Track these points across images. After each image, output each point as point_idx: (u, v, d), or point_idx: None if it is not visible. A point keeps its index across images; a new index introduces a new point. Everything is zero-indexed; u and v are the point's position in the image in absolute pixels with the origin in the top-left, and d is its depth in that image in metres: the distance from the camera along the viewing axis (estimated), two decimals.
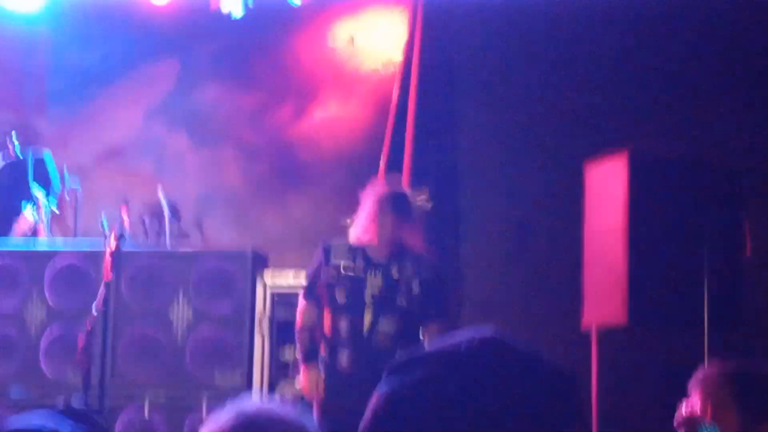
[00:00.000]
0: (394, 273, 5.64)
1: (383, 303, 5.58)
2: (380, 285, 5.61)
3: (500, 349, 1.42)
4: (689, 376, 5.84)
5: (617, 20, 7.08)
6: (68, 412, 3.03)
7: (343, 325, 5.59)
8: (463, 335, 1.46)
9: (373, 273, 5.65)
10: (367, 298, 5.59)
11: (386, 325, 5.55)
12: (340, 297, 5.62)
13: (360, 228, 5.73)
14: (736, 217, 6.00)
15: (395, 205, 5.71)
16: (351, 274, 5.65)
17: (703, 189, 5.99)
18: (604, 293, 6.00)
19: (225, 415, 1.96)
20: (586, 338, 6.01)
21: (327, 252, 5.76)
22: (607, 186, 6.07)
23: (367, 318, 5.57)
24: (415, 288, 5.62)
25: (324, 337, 5.66)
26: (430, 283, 5.65)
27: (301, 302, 5.76)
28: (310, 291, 5.78)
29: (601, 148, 6.19)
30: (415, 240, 5.76)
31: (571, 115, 7.07)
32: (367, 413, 1.43)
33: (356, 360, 5.55)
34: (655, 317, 5.90)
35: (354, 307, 5.60)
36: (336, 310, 5.62)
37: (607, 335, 5.96)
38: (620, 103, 7.04)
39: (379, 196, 5.76)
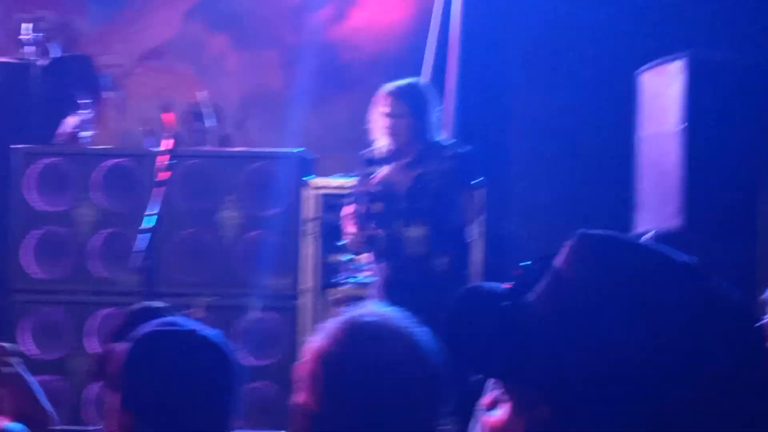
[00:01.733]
0: (418, 173, 5.56)
1: (409, 208, 5.53)
2: (406, 188, 5.56)
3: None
4: (741, 285, 5.85)
5: None
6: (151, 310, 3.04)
7: (380, 235, 5.58)
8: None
9: (402, 177, 5.58)
10: (398, 204, 5.56)
11: (416, 231, 5.51)
12: (377, 207, 5.60)
13: (374, 135, 5.67)
14: None
15: (400, 104, 5.59)
16: (382, 180, 5.60)
17: (761, 93, 5.93)
18: (658, 197, 5.98)
19: (337, 322, 1.95)
20: None
21: (363, 162, 5.72)
22: (663, 92, 6.00)
23: (398, 226, 5.54)
24: (439, 184, 5.55)
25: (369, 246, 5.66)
26: (452, 175, 5.55)
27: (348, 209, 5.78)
28: (351, 199, 5.77)
29: (654, 55, 6.11)
30: (435, 134, 5.66)
31: (627, 20, 6.95)
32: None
33: (392, 271, 5.54)
34: (710, 224, 5.88)
35: (387, 217, 5.57)
36: (374, 221, 5.61)
37: (662, 238, 5.94)
38: (678, 6, 6.92)
39: (383, 97, 5.67)
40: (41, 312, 6.69)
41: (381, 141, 5.68)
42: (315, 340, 1.92)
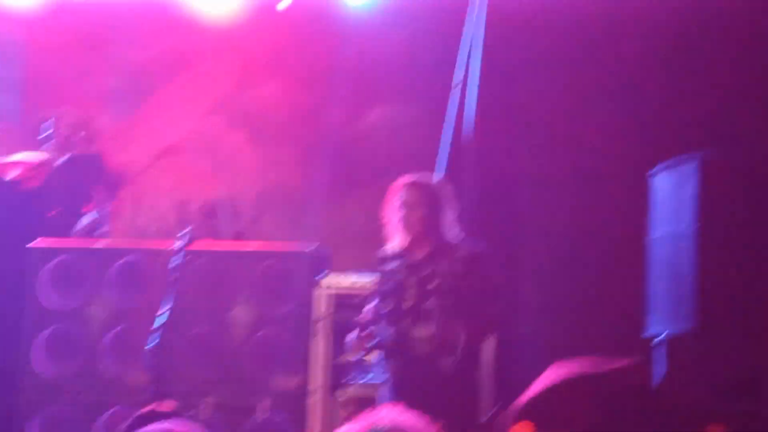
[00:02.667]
0: (427, 272, 5.53)
1: (416, 308, 5.49)
2: (415, 288, 5.51)
3: None
4: (758, 388, 5.74)
5: (688, 23, 6.98)
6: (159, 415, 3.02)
7: (388, 334, 5.53)
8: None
9: (411, 277, 5.55)
10: (406, 303, 5.52)
11: (423, 330, 5.46)
12: (386, 305, 5.57)
13: (390, 229, 5.65)
14: None
15: (414, 195, 5.57)
16: (393, 279, 5.57)
17: None
18: (671, 301, 5.92)
19: (354, 428, 1.92)
20: (648, 348, 5.92)
21: (379, 261, 5.70)
22: (675, 192, 5.97)
23: (406, 326, 5.49)
24: (446, 284, 5.50)
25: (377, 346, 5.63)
26: (463, 277, 5.51)
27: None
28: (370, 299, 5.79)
29: (669, 154, 6.10)
30: (448, 232, 5.62)
31: (639, 120, 6.97)
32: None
33: (398, 370, 5.49)
34: (725, 326, 5.80)
35: (395, 316, 5.53)
36: (383, 319, 5.57)
37: (674, 344, 5.87)
38: (689, 108, 6.93)
39: (398, 189, 5.65)
40: (50, 411, 6.66)
41: (394, 236, 5.65)
42: None
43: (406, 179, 5.71)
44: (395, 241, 5.65)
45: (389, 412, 1.98)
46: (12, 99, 8.54)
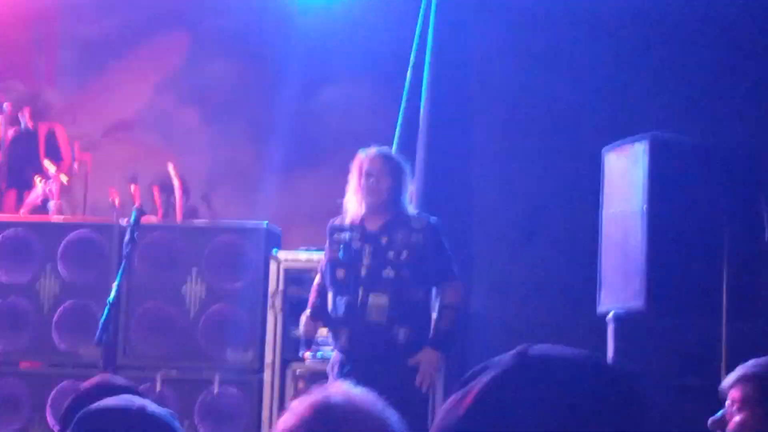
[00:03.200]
0: (383, 240, 5.57)
1: (372, 276, 5.54)
2: (371, 256, 5.58)
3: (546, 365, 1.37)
4: (706, 365, 5.86)
5: (639, 6, 7.06)
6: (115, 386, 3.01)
7: (341, 302, 5.57)
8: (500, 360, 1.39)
9: (367, 245, 5.60)
10: (362, 271, 5.55)
11: (377, 299, 5.49)
12: (340, 274, 5.60)
13: (348, 198, 5.68)
14: (756, 202, 6.01)
15: (380, 165, 5.63)
16: (349, 247, 5.60)
17: (723, 174, 6.01)
18: (621, 277, 6.01)
19: (305, 402, 1.93)
20: (602, 324, 6.01)
21: (330, 230, 5.73)
22: (627, 171, 6.06)
23: (360, 294, 5.53)
24: (404, 255, 5.57)
25: (328, 316, 5.63)
26: (419, 247, 5.56)
27: (317, 279, 5.77)
28: (320, 267, 5.77)
29: (619, 134, 6.19)
30: (407, 205, 5.70)
31: (590, 100, 7.05)
32: None
33: (352, 338, 5.52)
34: (673, 304, 5.91)
35: (349, 284, 5.56)
36: (336, 288, 5.60)
37: (624, 322, 5.96)
38: (640, 88, 7.02)
39: (358, 158, 5.71)
40: (0, 384, 6.61)
41: (353, 206, 5.67)
42: (282, 422, 1.90)
43: (370, 150, 5.75)
44: (351, 210, 5.68)
45: (341, 386, 2.00)
46: None
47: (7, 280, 6.72)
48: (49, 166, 7.34)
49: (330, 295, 5.61)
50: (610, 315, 5.98)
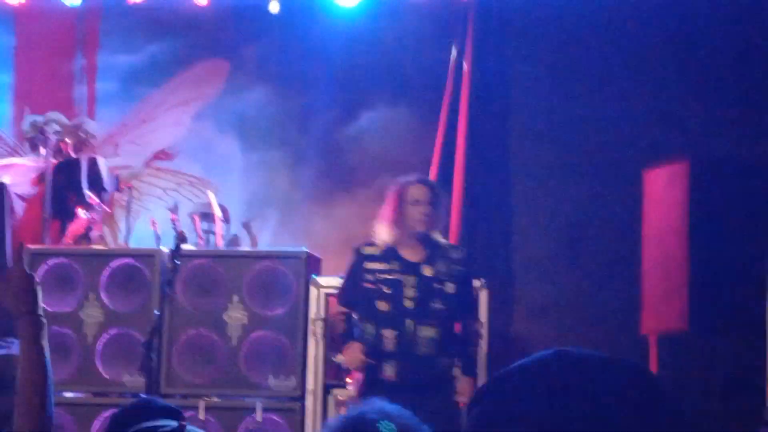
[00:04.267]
0: (427, 272, 5.53)
1: (420, 308, 5.49)
2: (415, 287, 5.52)
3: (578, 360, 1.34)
4: (749, 384, 5.80)
5: (680, 24, 7.04)
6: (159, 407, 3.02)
7: (387, 334, 5.51)
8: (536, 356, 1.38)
9: (408, 275, 5.54)
10: (406, 303, 5.52)
11: (427, 331, 5.46)
12: (383, 306, 5.55)
13: (385, 225, 5.63)
14: None
15: (418, 193, 5.58)
16: (388, 277, 5.54)
17: (764, 192, 5.98)
18: (663, 298, 5.98)
19: (341, 418, 1.95)
20: (644, 343, 5.98)
21: (361, 256, 5.67)
22: (666, 191, 6.04)
23: (409, 325, 5.50)
24: (449, 288, 5.52)
25: (368, 347, 5.55)
26: (461, 278, 5.54)
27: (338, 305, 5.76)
28: (344, 295, 5.73)
29: (660, 154, 6.17)
30: (441, 232, 5.67)
31: (630, 120, 7.03)
32: None
33: (402, 370, 5.47)
34: (715, 323, 5.87)
35: (396, 317, 5.52)
36: (378, 320, 5.54)
37: (666, 340, 5.93)
38: (679, 107, 7.00)
39: (401, 186, 5.66)
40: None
41: (388, 234, 5.61)
42: None
43: (411, 178, 5.70)
44: (387, 239, 5.62)
45: (376, 403, 2.01)
46: (2, 105, 8.54)
47: (52, 310, 6.78)
48: (92, 196, 7.41)
49: (368, 327, 5.55)
50: (653, 335, 5.95)
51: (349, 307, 5.70)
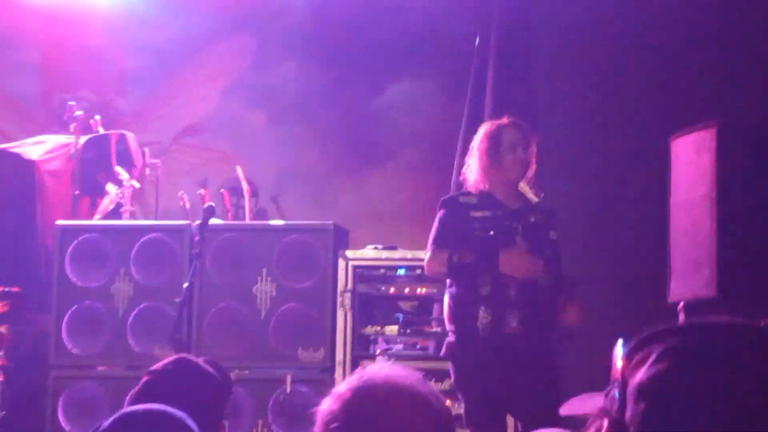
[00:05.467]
0: (531, 218, 5.21)
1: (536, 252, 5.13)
2: (522, 234, 5.17)
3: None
4: None
5: None
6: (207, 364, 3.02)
7: (512, 285, 5.07)
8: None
9: (514, 221, 5.16)
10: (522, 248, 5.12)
11: (544, 281, 5.11)
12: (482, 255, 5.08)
13: (479, 171, 5.21)
14: None
15: (515, 137, 5.17)
16: (495, 224, 5.14)
17: None
18: (691, 266, 5.95)
19: (347, 385, 1.94)
20: (673, 313, 5.96)
21: (459, 205, 5.20)
22: (695, 159, 6.00)
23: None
24: (553, 235, 5.26)
25: (472, 301, 5.09)
26: (552, 229, 5.28)
27: (431, 254, 5.19)
28: (441, 242, 5.18)
29: (688, 120, 6.13)
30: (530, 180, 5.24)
31: (657, 88, 7.00)
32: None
33: (526, 319, 5.06)
34: (745, 291, 5.83)
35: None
36: (494, 268, 5.06)
37: (695, 308, 5.91)
38: (707, 75, 6.95)
39: (495, 129, 5.23)
40: (77, 387, 6.74)
41: (480, 180, 5.18)
42: (325, 405, 1.92)
43: (503, 119, 5.31)
44: (484, 184, 5.18)
45: (383, 367, 2.00)
46: (31, 83, 8.60)
47: (82, 285, 6.85)
48: (121, 172, 7.46)
49: (485, 277, 5.09)
50: (681, 304, 5.92)
51: (449, 260, 5.11)
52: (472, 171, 5.27)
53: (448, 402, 4.13)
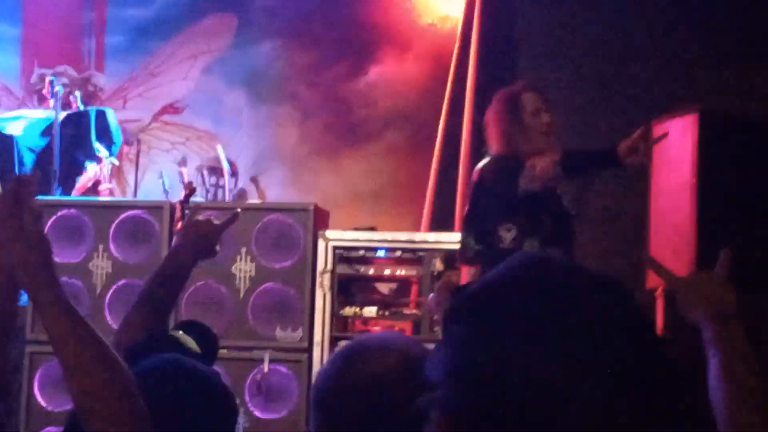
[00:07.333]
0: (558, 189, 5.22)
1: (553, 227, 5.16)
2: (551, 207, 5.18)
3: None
4: (759, 341, 5.81)
5: None
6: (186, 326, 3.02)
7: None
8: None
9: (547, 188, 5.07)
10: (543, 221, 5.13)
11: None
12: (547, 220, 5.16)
13: (503, 142, 5.03)
14: None
15: (537, 101, 5.04)
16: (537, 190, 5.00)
17: None
18: (670, 252, 5.97)
19: (341, 348, 1.98)
20: (650, 298, 5.98)
21: (512, 170, 4.95)
22: (675, 144, 6.02)
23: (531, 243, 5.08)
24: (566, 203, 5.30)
25: None
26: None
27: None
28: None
29: (669, 106, 6.14)
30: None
31: (638, 71, 7.00)
32: None
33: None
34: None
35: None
36: (544, 234, 5.12)
37: (673, 297, 5.92)
38: (688, 59, 6.96)
39: (513, 95, 5.04)
40: (54, 363, 6.71)
41: (508, 151, 5.01)
42: (320, 369, 1.95)
43: (518, 85, 5.17)
44: (523, 150, 4.98)
45: (378, 332, 2.03)
46: (11, 58, 8.54)
47: (61, 261, 6.81)
48: (101, 149, 7.42)
49: (531, 241, 5.10)
50: (659, 290, 5.94)
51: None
52: (498, 141, 5.05)
53: None
